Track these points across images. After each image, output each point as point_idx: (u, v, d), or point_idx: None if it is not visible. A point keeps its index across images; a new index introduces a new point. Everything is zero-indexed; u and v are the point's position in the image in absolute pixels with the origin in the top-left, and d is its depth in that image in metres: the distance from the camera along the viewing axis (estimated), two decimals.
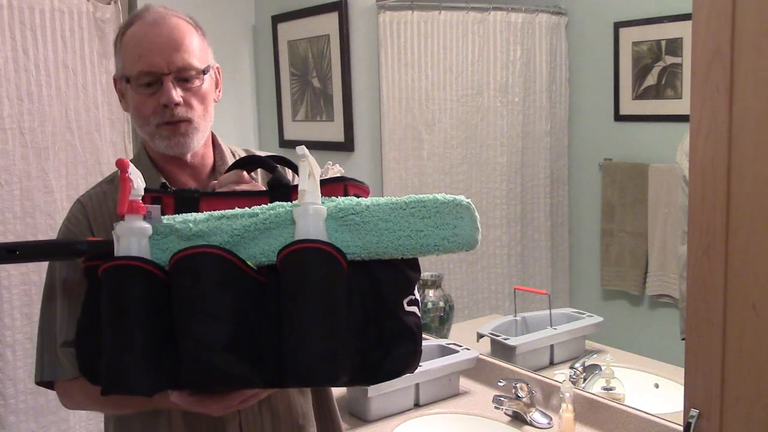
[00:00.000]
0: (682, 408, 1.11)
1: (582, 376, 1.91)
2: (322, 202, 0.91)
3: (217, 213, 0.94)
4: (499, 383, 1.89)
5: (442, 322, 2.23)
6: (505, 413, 1.85)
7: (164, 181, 1.22)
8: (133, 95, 1.17)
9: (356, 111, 2.49)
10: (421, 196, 0.91)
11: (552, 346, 2.05)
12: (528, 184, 2.38)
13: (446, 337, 2.23)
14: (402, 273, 0.94)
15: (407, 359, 0.94)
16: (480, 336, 2.10)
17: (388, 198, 0.92)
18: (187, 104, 1.16)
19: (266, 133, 2.94)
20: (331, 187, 0.97)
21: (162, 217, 0.93)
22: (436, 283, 2.22)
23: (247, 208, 0.94)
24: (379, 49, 2.34)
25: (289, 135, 2.83)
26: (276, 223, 0.91)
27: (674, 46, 1.91)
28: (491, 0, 2.33)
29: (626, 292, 2.06)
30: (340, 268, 0.89)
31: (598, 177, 2.13)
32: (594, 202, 2.16)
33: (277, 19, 2.78)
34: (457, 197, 0.91)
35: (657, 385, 1.86)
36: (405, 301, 0.94)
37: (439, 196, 0.91)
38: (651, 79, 1.97)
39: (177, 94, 1.14)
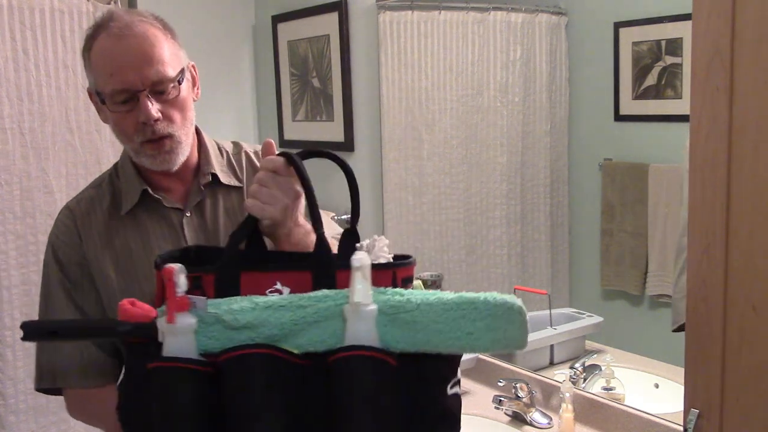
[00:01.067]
0: (682, 408, 1.11)
1: (582, 376, 1.92)
2: (373, 293, 0.90)
3: (262, 301, 0.92)
4: (499, 383, 1.89)
5: None
6: (505, 413, 1.85)
7: (146, 188, 1.20)
8: (111, 114, 1.14)
9: (356, 111, 2.49)
10: (472, 296, 0.90)
11: (552, 346, 2.05)
12: (528, 184, 2.38)
13: None
14: (446, 359, 0.93)
15: None
16: None
17: (439, 296, 0.91)
18: (167, 117, 1.14)
19: (266, 133, 2.94)
20: (379, 274, 0.94)
21: (207, 301, 0.91)
22: (435, 284, 2.22)
23: (290, 294, 0.93)
24: (379, 49, 2.34)
25: (289, 135, 2.83)
26: (325, 317, 0.91)
27: (674, 46, 1.91)
28: (491, 0, 2.33)
29: (626, 292, 2.06)
30: (392, 373, 0.88)
31: (598, 177, 2.14)
32: (594, 202, 2.16)
33: (277, 19, 2.78)
34: (508, 300, 0.91)
35: (657, 385, 1.86)
36: (449, 385, 0.94)
37: (490, 298, 0.90)
38: (651, 79, 1.97)
39: (155, 109, 1.11)
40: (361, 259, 0.87)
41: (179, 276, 0.88)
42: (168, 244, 1.18)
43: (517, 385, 1.83)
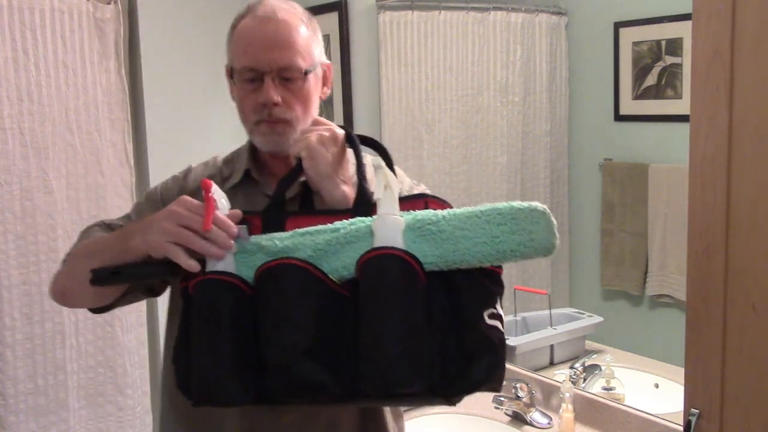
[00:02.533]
0: (682, 408, 1.11)
1: (582, 376, 1.92)
2: (401, 215, 0.93)
3: (301, 230, 0.97)
4: None
5: None
6: (505, 413, 1.85)
7: (249, 168, 1.24)
8: (237, 90, 1.19)
9: (356, 111, 2.49)
10: (497, 204, 0.92)
11: (552, 346, 2.05)
12: (528, 184, 2.38)
13: None
14: (482, 284, 0.94)
15: (488, 371, 0.94)
16: None
17: (465, 208, 0.94)
18: (287, 104, 1.16)
19: None
20: (412, 203, 0.98)
21: (249, 236, 0.97)
22: None
23: (329, 224, 0.97)
24: (379, 49, 2.34)
25: None
26: (356, 237, 0.94)
27: (674, 46, 1.91)
28: (491, 0, 2.33)
29: (626, 292, 2.06)
30: (416, 275, 0.90)
31: (598, 177, 2.14)
32: (594, 202, 2.16)
33: None
34: (533, 203, 0.92)
35: (657, 385, 1.86)
36: (486, 314, 0.94)
37: (515, 203, 0.92)
38: (651, 79, 1.97)
39: (277, 93, 1.14)
40: (377, 159, 0.94)
41: (219, 198, 0.96)
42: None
43: (517, 385, 1.83)
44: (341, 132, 1.11)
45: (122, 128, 2.47)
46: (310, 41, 1.19)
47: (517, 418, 1.83)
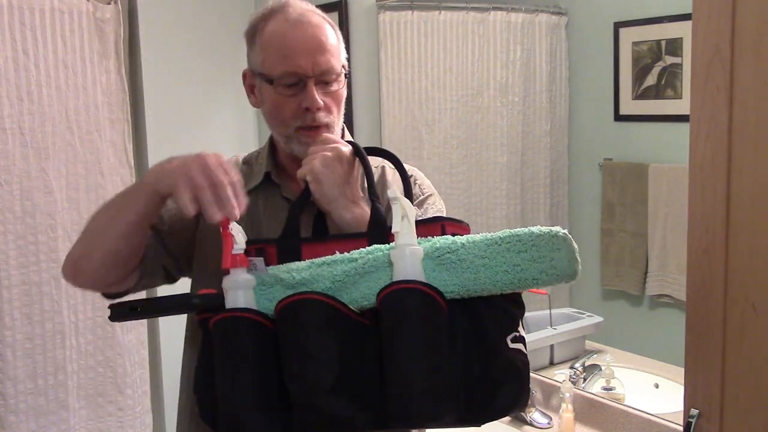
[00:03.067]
0: (682, 408, 1.11)
1: (582, 376, 1.92)
2: (419, 242, 0.92)
3: (318, 260, 0.95)
4: None
5: None
6: None
7: (269, 171, 1.22)
8: (271, 94, 1.16)
9: (356, 111, 2.49)
10: (516, 230, 0.90)
11: (552, 346, 2.06)
12: (528, 184, 2.38)
13: None
14: (503, 309, 0.93)
15: (514, 396, 0.93)
16: None
17: (484, 234, 0.92)
18: (327, 108, 1.16)
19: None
20: (428, 227, 0.97)
21: (266, 267, 0.97)
22: None
23: (346, 253, 0.95)
24: (379, 49, 2.34)
25: None
26: (375, 267, 0.92)
27: (674, 46, 1.91)
28: (491, 0, 2.33)
29: (626, 292, 2.06)
30: (438, 307, 0.89)
31: (598, 177, 2.14)
32: (594, 202, 2.16)
33: None
34: (553, 229, 0.90)
35: (657, 385, 1.86)
36: (509, 338, 0.93)
37: (535, 229, 0.90)
38: (651, 79, 1.97)
39: (319, 97, 1.14)
40: (393, 191, 0.91)
41: (237, 233, 0.95)
42: (270, 233, 1.17)
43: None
44: (347, 149, 1.09)
45: (122, 128, 2.47)
46: (339, 44, 1.21)
47: (517, 418, 1.83)
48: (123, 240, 1.09)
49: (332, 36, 1.18)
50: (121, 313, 0.98)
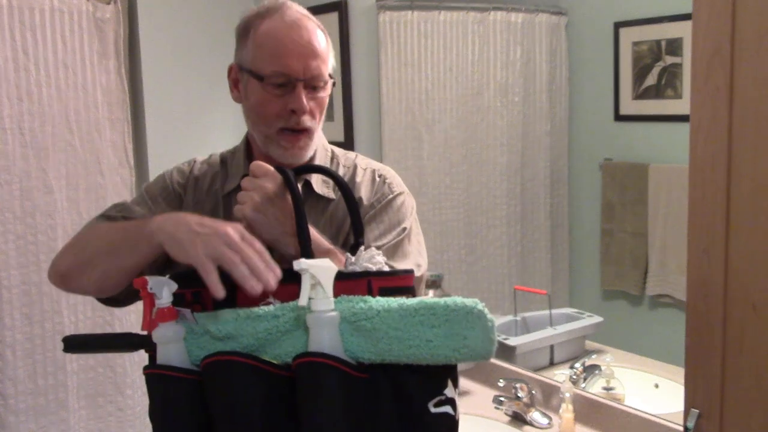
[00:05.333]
0: (682, 408, 1.11)
1: (582, 376, 1.91)
2: (339, 302, 0.90)
3: (243, 312, 0.94)
4: (499, 383, 1.89)
5: None
6: (505, 413, 1.85)
7: (247, 174, 1.19)
8: (259, 92, 1.16)
9: (356, 111, 2.49)
10: (433, 300, 0.87)
11: (552, 346, 2.05)
12: (528, 184, 2.38)
13: None
14: (427, 373, 0.90)
15: None
16: None
17: (402, 302, 0.89)
18: (311, 113, 1.17)
19: None
20: (354, 283, 0.94)
21: (194, 314, 0.96)
22: (436, 283, 2.22)
23: (271, 306, 0.94)
24: (379, 49, 2.34)
25: None
26: (296, 326, 0.92)
27: (674, 46, 1.91)
28: (491, 0, 2.33)
29: (626, 292, 2.06)
30: (353, 381, 0.87)
31: (598, 177, 2.14)
32: (594, 202, 2.16)
33: None
34: (468, 304, 0.86)
35: (657, 385, 1.86)
36: (431, 403, 0.91)
37: (450, 302, 0.86)
38: (651, 79, 1.97)
39: (306, 101, 1.15)
40: (300, 262, 0.87)
41: (160, 288, 0.93)
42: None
43: (517, 385, 1.83)
44: (273, 184, 1.06)
45: (122, 128, 2.48)
46: (330, 51, 1.20)
47: (517, 418, 1.82)
48: (116, 271, 1.09)
49: (325, 43, 1.18)
50: (73, 345, 1.00)
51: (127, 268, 1.08)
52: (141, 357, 2.54)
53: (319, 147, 1.28)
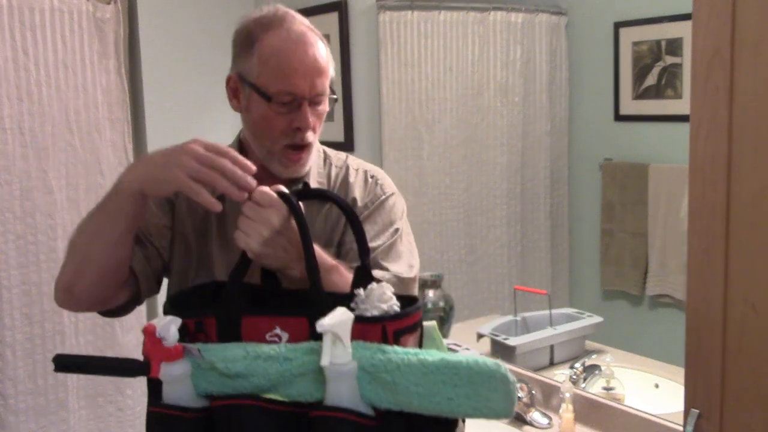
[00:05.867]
0: (682, 408, 1.11)
1: (582, 376, 1.91)
2: (355, 348, 0.89)
3: (254, 350, 0.92)
4: None
5: (442, 322, 2.23)
6: None
7: None
8: (263, 108, 1.16)
9: (356, 111, 2.49)
10: (455, 358, 0.87)
11: (552, 346, 2.05)
12: (528, 184, 2.38)
13: (446, 337, 2.23)
14: (443, 421, 0.91)
15: None
16: (480, 336, 2.10)
17: (422, 356, 0.88)
18: (313, 127, 1.17)
19: None
20: (368, 327, 0.92)
21: (201, 350, 0.93)
22: (436, 283, 2.22)
23: (283, 344, 0.93)
24: (379, 49, 2.34)
25: None
26: (310, 369, 0.90)
27: (674, 46, 1.91)
28: (491, 0, 2.33)
29: (626, 292, 2.06)
30: (368, 430, 0.88)
31: (598, 177, 2.14)
32: (594, 202, 2.16)
33: None
34: (492, 367, 0.86)
35: (657, 385, 1.86)
36: None
37: (473, 363, 0.86)
38: (651, 79, 1.97)
39: (313, 118, 1.15)
40: (323, 324, 0.85)
41: (168, 329, 0.90)
42: None
43: (517, 385, 1.83)
44: (281, 216, 1.02)
45: (122, 128, 2.48)
46: (329, 61, 1.20)
47: (517, 418, 1.82)
48: (113, 250, 1.09)
49: (326, 56, 1.18)
50: (65, 365, 0.96)
51: (122, 242, 1.08)
52: (141, 357, 2.54)
53: (312, 149, 1.28)
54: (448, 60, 2.36)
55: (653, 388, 1.86)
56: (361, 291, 0.95)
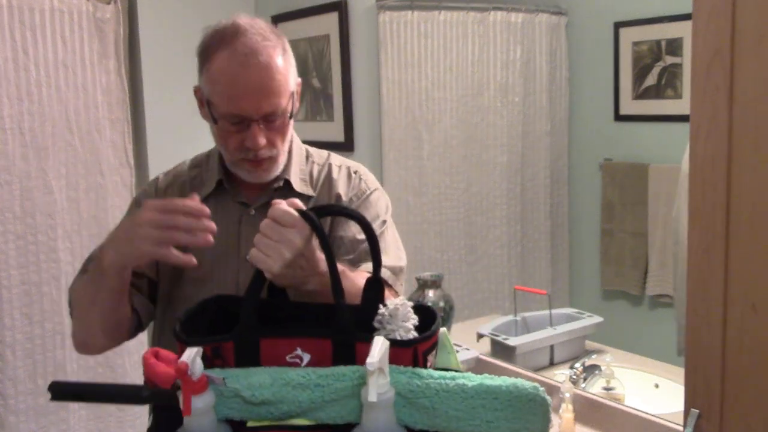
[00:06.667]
0: (682, 408, 1.11)
1: (582, 376, 1.91)
2: (391, 373, 0.88)
3: (281, 377, 0.90)
4: None
5: (442, 322, 2.23)
6: None
7: (221, 178, 1.25)
8: (218, 128, 1.19)
9: (356, 111, 2.49)
10: (494, 385, 0.88)
11: (552, 346, 2.05)
12: (528, 184, 2.38)
13: None
14: None
15: None
16: (480, 336, 2.10)
17: (460, 381, 0.88)
18: (270, 143, 1.17)
19: None
20: (400, 351, 0.91)
21: (224, 378, 0.90)
22: (436, 283, 2.22)
23: (310, 368, 0.91)
24: (379, 49, 2.34)
25: None
26: (342, 395, 0.90)
27: (674, 46, 1.91)
28: (491, 0, 2.33)
29: (626, 292, 2.06)
30: None
31: (598, 177, 2.14)
32: (594, 202, 2.16)
33: (277, 19, 2.78)
34: (530, 390, 0.88)
35: (657, 385, 1.86)
36: None
37: (512, 387, 0.87)
38: (651, 79, 1.97)
39: (263, 138, 1.15)
40: (373, 363, 0.83)
41: (195, 363, 0.87)
42: (223, 238, 1.13)
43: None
44: (303, 236, 0.97)
45: (122, 128, 2.48)
46: (287, 71, 1.16)
47: None
48: (111, 314, 1.17)
49: (281, 72, 1.14)
50: (63, 394, 0.93)
51: (116, 306, 1.15)
52: (141, 357, 2.54)
53: (294, 148, 1.29)
54: (448, 60, 2.36)
55: (653, 388, 1.86)
56: (384, 310, 0.94)
